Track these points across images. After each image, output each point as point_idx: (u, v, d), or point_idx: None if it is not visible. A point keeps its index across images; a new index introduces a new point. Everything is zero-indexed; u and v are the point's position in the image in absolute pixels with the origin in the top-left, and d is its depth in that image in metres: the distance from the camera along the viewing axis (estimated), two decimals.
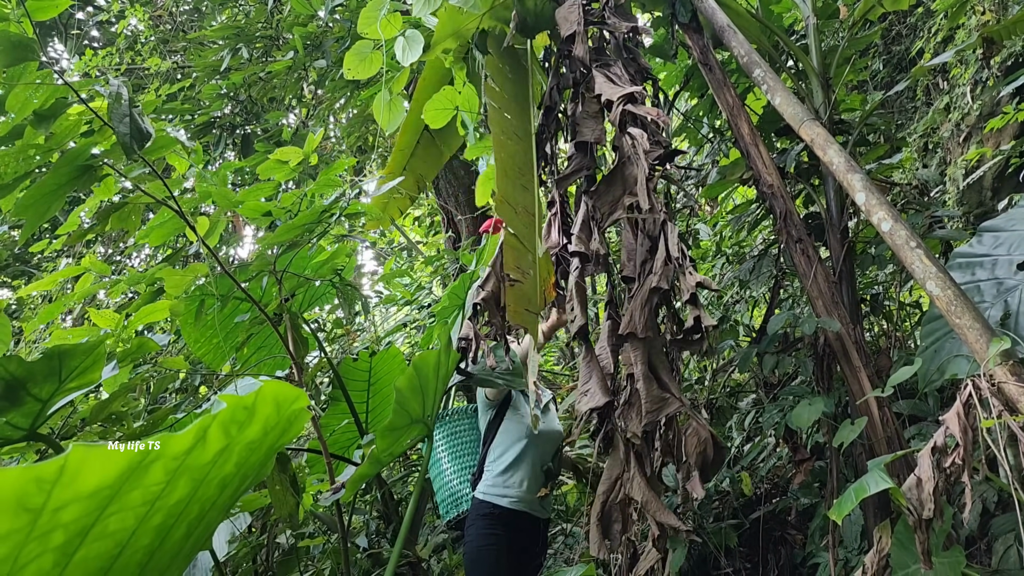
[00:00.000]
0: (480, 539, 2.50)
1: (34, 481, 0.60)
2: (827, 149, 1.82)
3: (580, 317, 2.04)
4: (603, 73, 2.31)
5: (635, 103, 2.15)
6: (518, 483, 2.59)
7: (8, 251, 6.97)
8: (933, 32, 4.34)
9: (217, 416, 0.83)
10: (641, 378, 1.94)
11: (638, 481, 1.93)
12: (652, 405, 1.91)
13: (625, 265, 2.20)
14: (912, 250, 1.49)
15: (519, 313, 2.17)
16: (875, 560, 1.47)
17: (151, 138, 2.21)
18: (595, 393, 1.97)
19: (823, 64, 2.68)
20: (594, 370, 2.04)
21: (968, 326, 1.32)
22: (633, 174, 2.12)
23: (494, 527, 2.51)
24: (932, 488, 1.28)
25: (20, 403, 1.77)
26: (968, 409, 1.26)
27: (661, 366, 2.00)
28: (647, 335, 1.99)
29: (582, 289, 2.08)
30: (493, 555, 2.47)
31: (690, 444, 1.96)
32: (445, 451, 2.82)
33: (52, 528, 0.65)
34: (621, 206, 2.15)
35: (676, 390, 1.95)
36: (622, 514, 1.99)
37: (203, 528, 1.07)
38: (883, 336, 3.26)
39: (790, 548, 3.07)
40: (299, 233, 2.62)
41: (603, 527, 1.96)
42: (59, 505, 0.63)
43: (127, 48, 7.22)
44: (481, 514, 2.53)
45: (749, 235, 3.83)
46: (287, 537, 3.28)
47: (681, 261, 1.94)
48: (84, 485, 0.64)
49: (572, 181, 2.41)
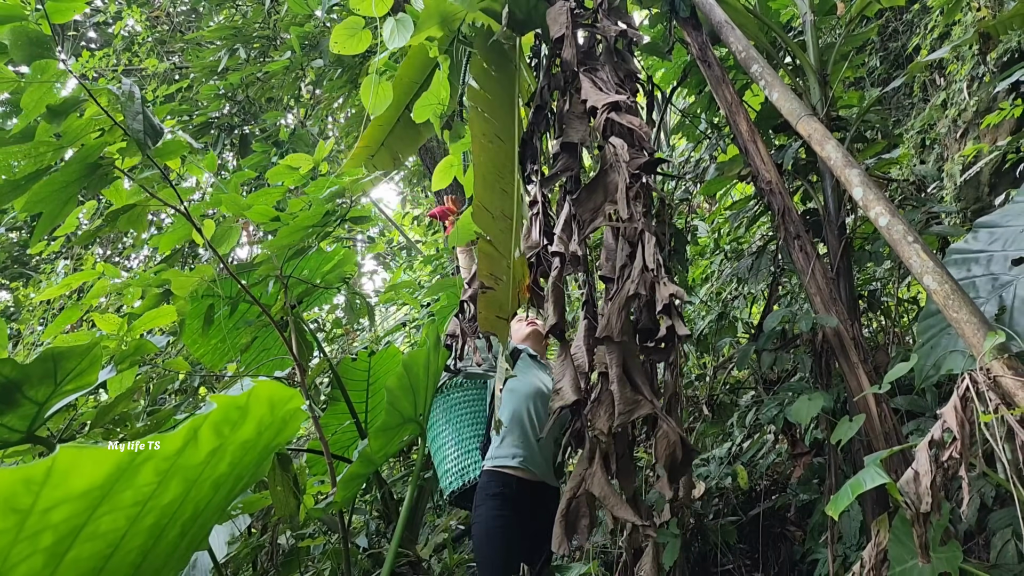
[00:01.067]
0: (491, 520, 2.41)
1: (22, 482, 0.60)
2: (825, 144, 1.82)
3: (554, 316, 2.07)
4: (590, 78, 2.32)
5: (619, 111, 2.17)
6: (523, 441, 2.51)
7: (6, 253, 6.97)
8: (930, 28, 4.33)
9: (208, 416, 0.83)
10: (615, 380, 1.98)
11: (598, 477, 1.96)
12: (625, 407, 1.95)
13: (604, 265, 2.23)
14: (909, 245, 1.48)
15: (489, 320, 2.18)
16: (872, 555, 1.47)
17: (163, 135, 2.23)
18: (566, 392, 2.01)
19: (820, 60, 2.68)
20: (567, 369, 2.06)
21: (965, 320, 1.32)
22: (615, 182, 2.15)
23: (504, 508, 2.42)
24: (930, 482, 1.28)
25: (16, 406, 1.77)
26: (965, 403, 1.26)
27: (635, 369, 2.04)
28: (623, 339, 2.01)
29: (559, 289, 2.10)
30: (503, 539, 2.39)
31: (660, 446, 2.01)
32: (444, 425, 2.78)
33: (42, 528, 0.65)
34: (602, 213, 2.18)
35: (649, 393, 1.99)
36: (589, 510, 2.01)
37: (198, 528, 1.07)
38: (881, 332, 3.26)
39: (789, 544, 3.07)
40: (302, 235, 2.63)
41: (568, 523, 1.99)
42: (48, 506, 0.63)
43: (124, 49, 7.22)
44: (490, 493, 2.45)
45: (747, 231, 3.83)
46: (287, 538, 3.28)
47: (657, 272, 1.97)
48: (74, 486, 0.64)
49: (557, 181, 2.42)
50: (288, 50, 5.75)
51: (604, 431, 1.96)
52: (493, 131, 2.37)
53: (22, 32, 2.08)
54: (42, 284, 6.34)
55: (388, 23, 2.45)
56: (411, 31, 2.44)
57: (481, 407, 2.84)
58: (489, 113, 2.41)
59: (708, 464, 3.38)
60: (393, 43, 2.39)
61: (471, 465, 2.68)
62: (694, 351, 4.02)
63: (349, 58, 5.79)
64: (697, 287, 4.32)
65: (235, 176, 2.92)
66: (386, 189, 26.79)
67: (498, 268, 2.23)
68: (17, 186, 2.25)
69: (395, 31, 2.39)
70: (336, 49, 2.70)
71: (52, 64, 2.14)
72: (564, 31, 2.32)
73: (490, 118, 2.40)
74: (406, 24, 2.45)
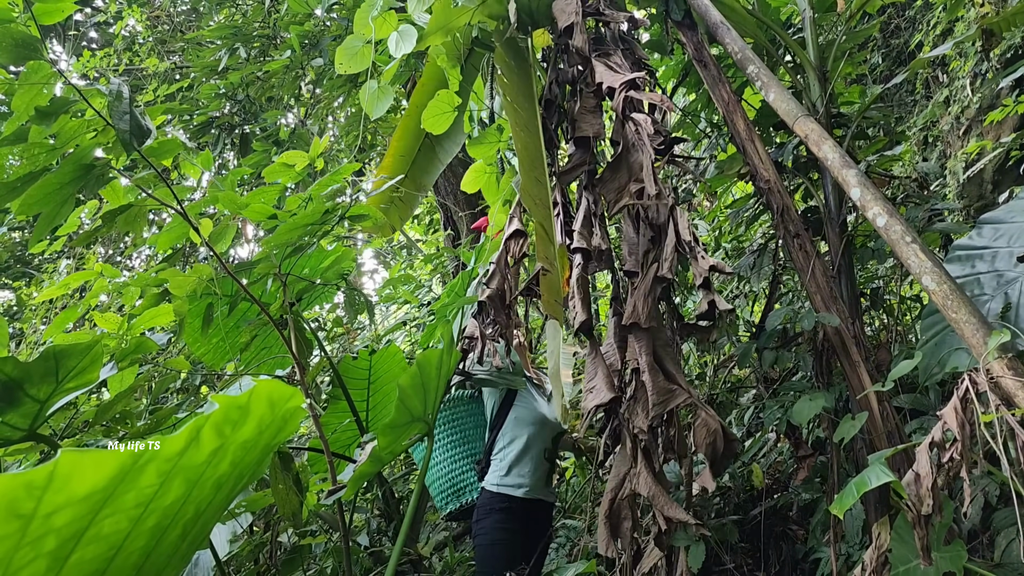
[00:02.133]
0: (495, 533, 2.46)
1: (24, 487, 0.60)
2: (822, 145, 1.81)
3: (582, 313, 2.03)
4: (603, 62, 2.30)
5: (637, 89, 2.14)
6: (531, 472, 2.55)
7: (8, 253, 6.98)
8: (932, 25, 4.32)
9: (211, 417, 0.83)
10: (647, 369, 1.92)
11: (644, 476, 1.91)
12: (659, 397, 1.88)
13: (627, 260, 2.18)
14: (908, 245, 1.48)
15: (551, 304, 2.11)
16: (874, 556, 1.47)
17: (151, 135, 2.22)
18: (601, 389, 1.95)
19: (820, 58, 2.67)
20: (599, 366, 2.02)
21: (964, 320, 1.32)
22: (638, 160, 2.09)
23: (507, 522, 2.47)
24: (930, 484, 1.28)
25: (18, 404, 1.77)
26: (965, 404, 1.26)
27: (667, 357, 1.98)
28: (651, 325, 1.96)
29: (584, 285, 2.08)
30: (507, 550, 2.44)
31: (699, 435, 1.93)
32: (446, 439, 2.76)
33: (44, 533, 0.65)
34: (627, 193, 2.10)
35: (683, 381, 1.92)
36: (631, 511, 1.97)
37: (199, 528, 1.07)
38: (883, 330, 3.25)
39: (791, 543, 3.07)
40: (301, 233, 2.62)
41: (612, 525, 1.95)
42: (51, 510, 0.63)
43: (125, 49, 7.22)
44: (496, 508, 2.49)
45: (748, 230, 3.83)
46: (288, 536, 3.29)
47: (693, 245, 1.92)
48: (76, 489, 0.64)
49: (574, 177, 2.40)
50: (288, 49, 5.75)
51: (644, 428, 1.90)
52: (523, 122, 2.36)
53: (8, 34, 2.07)
54: (44, 283, 6.34)
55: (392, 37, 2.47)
56: (414, 39, 2.45)
57: (472, 424, 2.82)
58: (517, 104, 2.40)
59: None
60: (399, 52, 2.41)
61: (467, 487, 2.67)
62: (694, 350, 4.01)
63: None
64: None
65: (232, 173, 2.92)
66: None
67: (549, 252, 2.19)
68: (13, 188, 2.25)
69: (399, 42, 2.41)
70: (340, 70, 2.73)
71: (45, 66, 2.13)
72: (574, 19, 2.31)
73: (519, 109, 2.39)
74: (408, 34, 2.46)
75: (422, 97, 2.94)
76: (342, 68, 2.72)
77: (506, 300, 2.41)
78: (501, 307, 2.40)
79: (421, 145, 3.09)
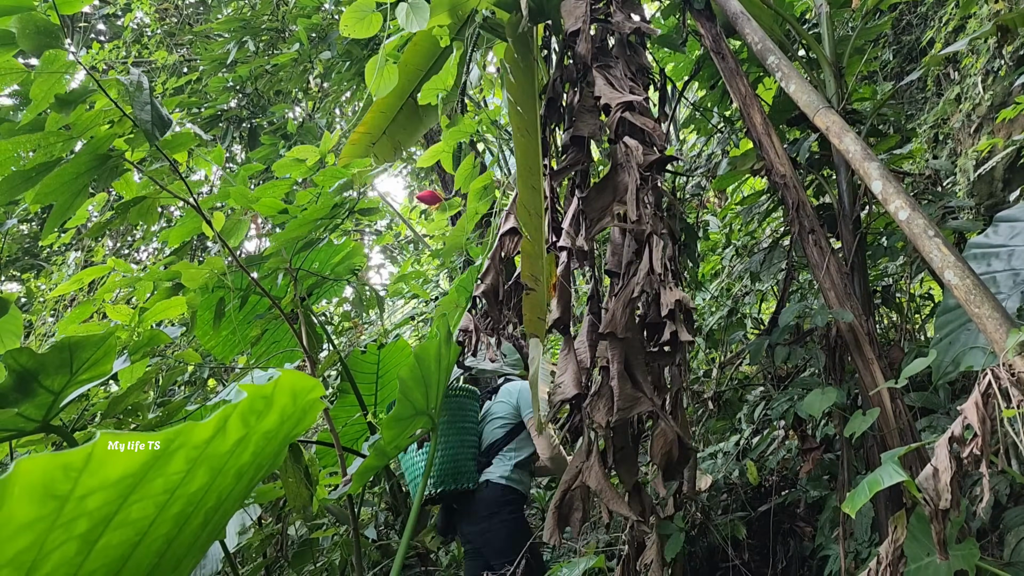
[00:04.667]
0: (511, 522, 2.70)
1: (61, 468, 0.60)
2: (843, 137, 1.80)
3: (558, 311, 2.08)
4: (603, 75, 2.31)
5: (632, 111, 2.15)
6: (528, 477, 2.87)
7: (18, 245, 7.00)
8: (944, 22, 4.29)
9: (238, 406, 0.83)
10: (616, 376, 2.00)
11: (595, 470, 1.98)
12: (624, 403, 1.96)
13: (610, 260, 2.22)
14: (930, 239, 1.47)
15: (533, 322, 2.21)
16: (890, 551, 1.46)
17: (171, 125, 2.23)
18: (567, 386, 2.04)
19: (836, 53, 2.66)
20: (570, 363, 2.08)
21: (987, 315, 1.31)
22: (624, 182, 2.14)
23: (520, 510, 2.78)
24: (949, 478, 1.27)
25: (33, 395, 1.77)
26: (987, 399, 1.25)
27: (637, 366, 2.05)
28: (627, 335, 2.02)
29: (565, 282, 2.10)
30: (527, 536, 2.67)
31: (657, 444, 2.03)
32: (452, 424, 2.84)
33: (78, 515, 0.65)
34: (610, 213, 2.17)
35: (648, 390, 2.00)
36: (583, 503, 2.02)
37: (219, 517, 1.08)
38: (893, 328, 3.24)
39: (799, 540, 3.06)
40: (310, 228, 2.62)
41: (560, 515, 2.00)
42: (85, 492, 0.63)
43: (134, 42, 7.22)
44: (508, 499, 2.73)
45: (759, 227, 3.81)
46: (296, 528, 3.30)
47: (663, 276, 1.96)
48: (110, 472, 0.64)
49: (566, 176, 2.41)
50: (296, 42, 5.74)
51: (602, 424, 1.97)
52: (524, 125, 2.37)
53: (30, 21, 2.08)
54: (53, 276, 6.36)
55: (402, 7, 2.42)
56: (427, 15, 2.40)
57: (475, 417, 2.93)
58: (521, 106, 2.41)
59: (716, 458, 3.38)
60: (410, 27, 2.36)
61: (466, 474, 2.78)
62: (703, 347, 4.01)
63: (357, 50, 5.77)
64: (707, 283, 4.31)
65: (243, 169, 2.92)
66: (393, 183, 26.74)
67: (536, 268, 2.24)
68: (28, 178, 2.25)
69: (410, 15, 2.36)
70: (346, 32, 2.66)
71: (61, 55, 2.14)
72: (580, 25, 2.30)
73: (522, 112, 2.39)
74: (421, 8, 2.41)
75: (412, 56, 2.88)
76: (347, 31, 2.65)
77: (499, 295, 2.45)
78: (494, 302, 2.45)
79: (404, 104, 3.03)
